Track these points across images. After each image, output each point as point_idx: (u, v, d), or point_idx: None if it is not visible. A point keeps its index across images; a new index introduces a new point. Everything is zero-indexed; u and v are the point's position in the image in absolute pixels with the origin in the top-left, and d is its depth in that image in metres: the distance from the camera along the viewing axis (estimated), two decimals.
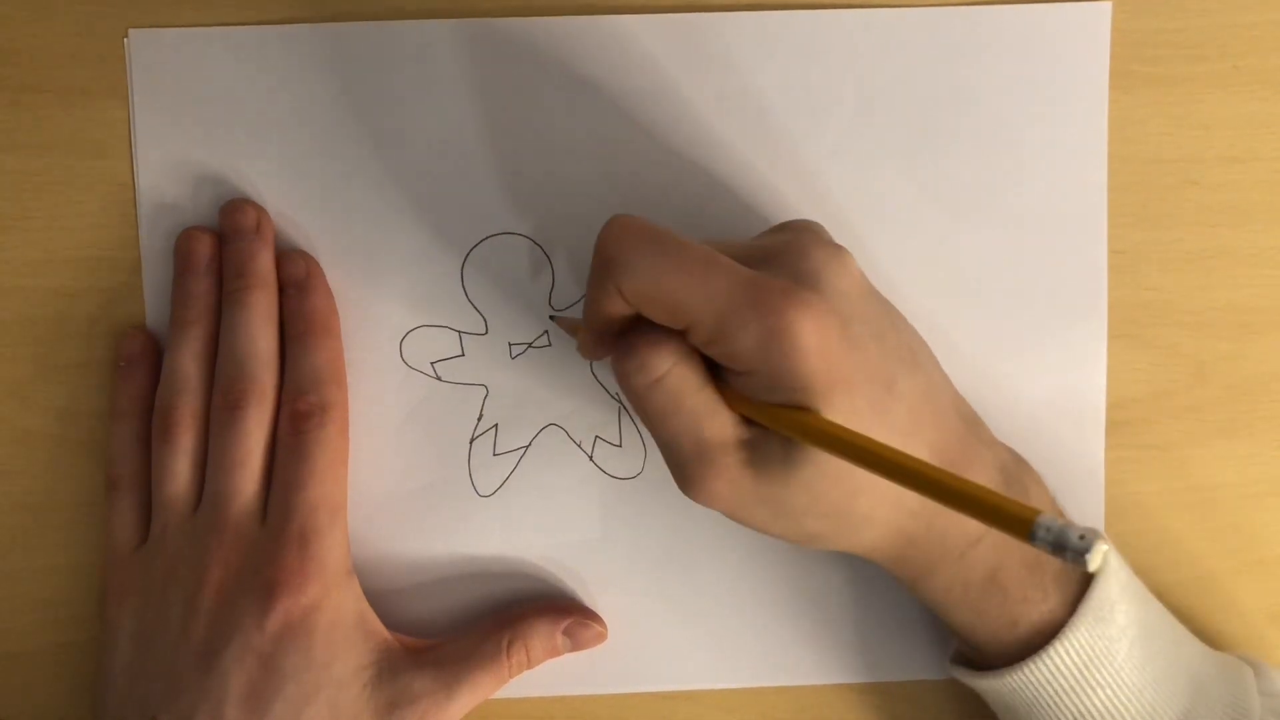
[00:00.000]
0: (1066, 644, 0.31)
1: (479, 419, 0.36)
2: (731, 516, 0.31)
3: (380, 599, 0.35)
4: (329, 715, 0.32)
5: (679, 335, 0.29)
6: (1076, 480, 0.36)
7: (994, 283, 0.36)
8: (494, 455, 0.36)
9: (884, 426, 0.29)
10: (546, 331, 0.36)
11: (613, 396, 0.36)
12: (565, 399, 0.36)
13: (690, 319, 0.28)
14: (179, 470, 0.34)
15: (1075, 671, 0.31)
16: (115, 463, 0.35)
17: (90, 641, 0.36)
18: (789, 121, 0.36)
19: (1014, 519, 0.23)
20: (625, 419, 0.36)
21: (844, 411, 0.28)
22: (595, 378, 0.36)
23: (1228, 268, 0.36)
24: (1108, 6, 0.36)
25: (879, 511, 0.30)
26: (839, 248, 0.30)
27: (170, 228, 0.36)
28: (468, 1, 0.36)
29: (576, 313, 0.36)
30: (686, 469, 0.30)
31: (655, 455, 0.36)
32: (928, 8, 0.35)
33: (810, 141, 0.36)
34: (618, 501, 0.36)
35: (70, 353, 0.36)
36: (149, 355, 0.35)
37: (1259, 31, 0.36)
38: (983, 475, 0.31)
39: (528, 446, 0.36)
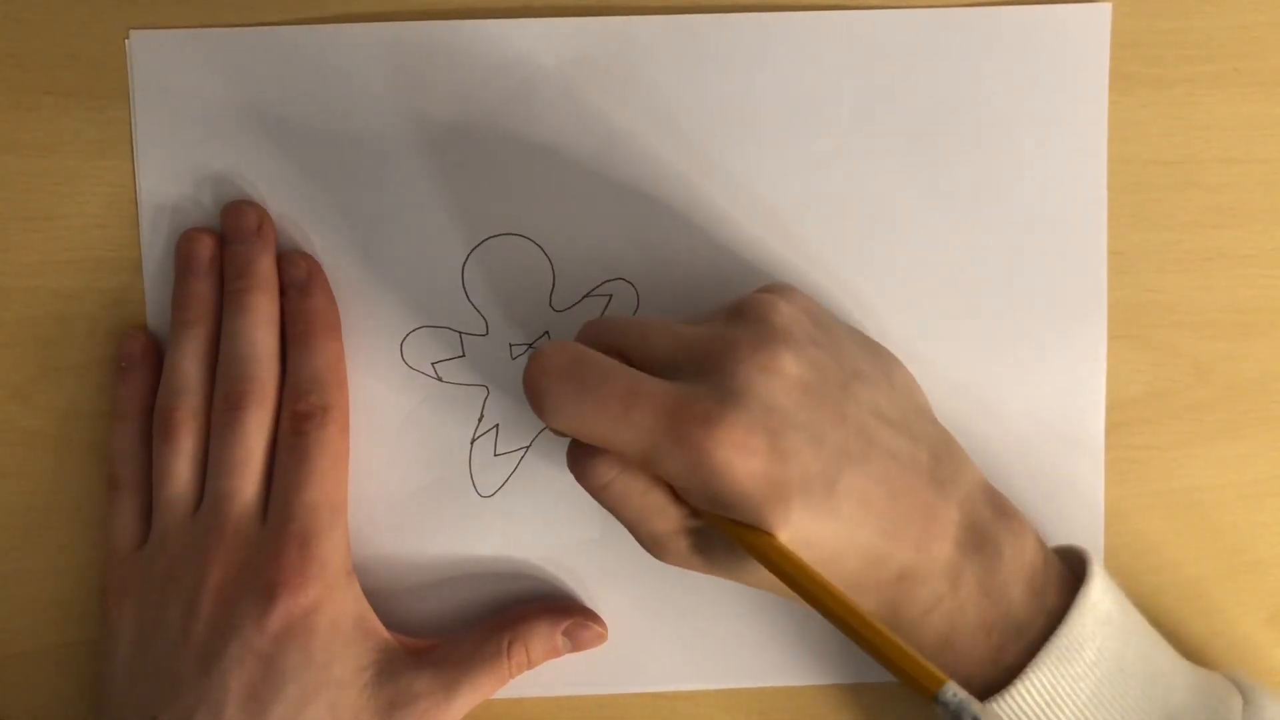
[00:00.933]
0: (1026, 685, 0.30)
1: (480, 419, 0.36)
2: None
3: (380, 599, 0.35)
4: (329, 716, 0.32)
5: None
6: (1076, 480, 0.36)
7: (994, 283, 0.36)
8: (495, 456, 0.36)
9: (830, 526, 0.29)
10: (547, 332, 0.36)
11: None
12: None
13: (618, 450, 0.29)
14: (179, 471, 0.34)
15: (1035, 712, 0.30)
16: (116, 463, 0.35)
17: (90, 641, 0.36)
18: (789, 122, 0.36)
19: (921, 685, 0.25)
20: None
21: (784, 522, 0.28)
22: None
23: (1228, 268, 0.36)
24: (1108, 7, 0.36)
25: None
26: (774, 348, 0.29)
27: (171, 229, 0.36)
28: (468, 2, 0.36)
29: (577, 310, 0.36)
30: (645, 547, 0.32)
31: None
32: (928, 8, 0.35)
33: (810, 142, 0.36)
34: None
35: (71, 353, 0.36)
36: (150, 356, 0.35)
37: (1259, 32, 0.36)
38: (942, 544, 0.30)
39: (528, 447, 0.36)
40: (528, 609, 0.36)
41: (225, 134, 0.35)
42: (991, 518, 0.31)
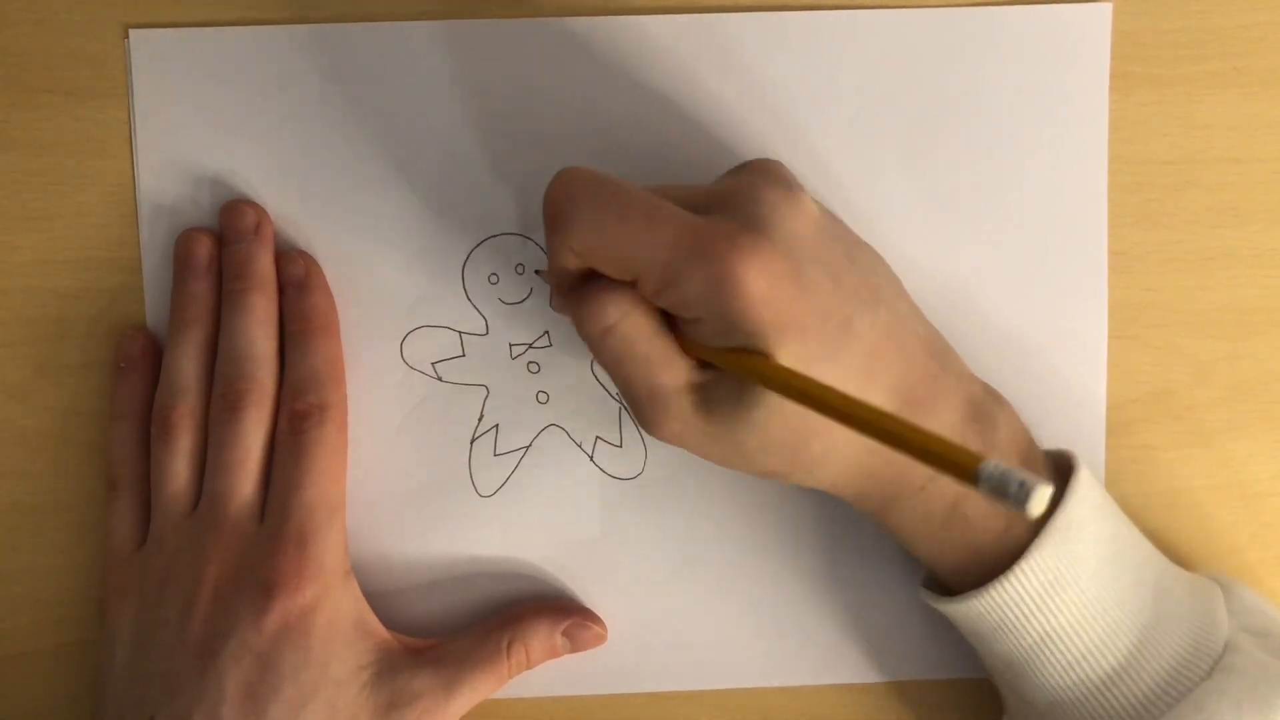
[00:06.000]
0: (1030, 565, 0.30)
1: (479, 419, 0.36)
2: (692, 452, 0.31)
3: (380, 599, 0.35)
4: (327, 715, 0.32)
5: (631, 286, 0.29)
6: None
7: (994, 283, 0.36)
8: (494, 455, 0.36)
9: (839, 367, 0.29)
10: (547, 331, 0.36)
11: (613, 397, 0.36)
12: (566, 399, 0.36)
13: (636, 270, 0.28)
14: (178, 470, 0.34)
15: (1040, 592, 0.30)
16: (115, 463, 0.35)
17: (90, 641, 0.36)
18: (790, 122, 0.36)
19: (957, 465, 0.23)
20: (625, 419, 0.36)
21: (796, 355, 0.28)
22: (595, 378, 0.36)
23: (1228, 268, 0.36)
24: (1108, 7, 0.36)
25: (835, 449, 0.30)
26: (792, 187, 0.30)
27: (170, 228, 0.36)
28: (468, 2, 0.36)
29: None
30: (642, 411, 0.31)
31: (656, 456, 0.36)
32: (928, 8, 0.35)
33: (810, 142, 0.36)
34: (618, 502, 0.36)
35: (70, 353, 0.36)
36: (149, 356, 0.35)
37: (1259, 32, 0.36)
38: (947, 409, 0.31)
39: (528, 447, 0.36)
40: (527, 609, 0.36)
41: (225, 134, 0.35)
42: (984, 396, 0.32)
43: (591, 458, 0.36)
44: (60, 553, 0.36)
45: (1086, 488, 0.31)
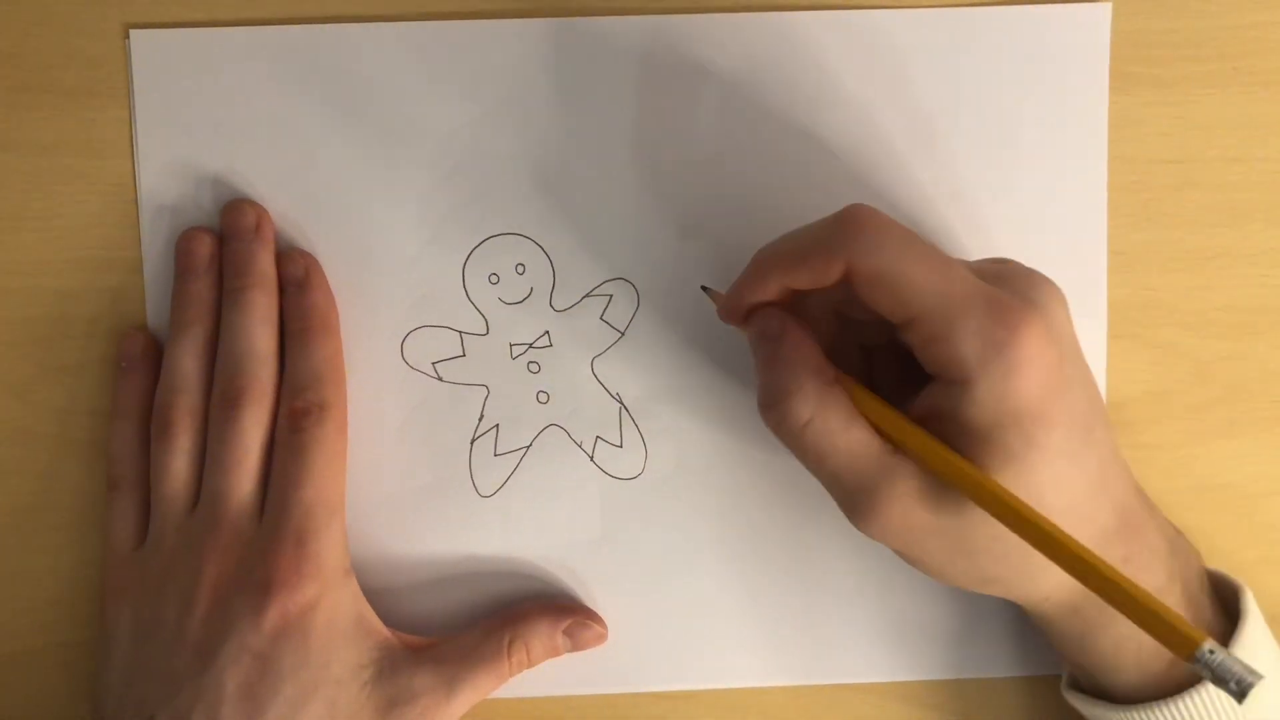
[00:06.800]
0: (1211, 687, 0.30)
1: (480, 419, 0.36)
2: (904, 553, 0.30)
3: (381, 599, 0.35)
4: (327, 714, 0.32)
5: (815, 373, 0.29)
6: None
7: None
8: (495, 455, 0.36)
9: (1079, 473, 0.28)
10: (547, 332, 0.36)
11: (613, 397, 0.36)
12: (566, 399, 0.36)
13: (918, 311, 0.28)
14: (177, 469, 0.34)
15: (1225, 710, 0.30)
16: (116, 463, 0.35)
17: (90, 641, 0.36)
18: (789, 123, 0.36)
19: (1179, 637, 0.24)
20: (626, 419, 0.36)
21: (1048, 445, 0.28)
22: (596, 378, 0.36)
23: (1228, 268, 0.36)
24: (1108, 7, 0.36)
25: None
26: (1059, 287, 0.30)
27: (171, 228, 0.36)
28: (468, 2, 0.36)
29: (577, 310, 0.36)
30: (854, 502, 0.29)
31: (656, 456, 0.36)
32: (928, 8, 0.35)
33: (811, 142, 0.36)
34: (618, 502, 0.36)
35: (71, 353, 0.36)
36: (149, 355, 0.35)
37: (1259, 32, 0.36)
38: (1154, 542, 0.31)
39: (528, 447, 0.36)
40: (528, 607, 0.36)
41: (225, 133, 0.35)
42: (1179, 538, 0.33)
43: (591, 458, 0.36)
44: (60, 553, 0.36)
45: (1254, 609, 0.32)
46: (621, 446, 0.36)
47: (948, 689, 0.37)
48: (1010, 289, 0.29)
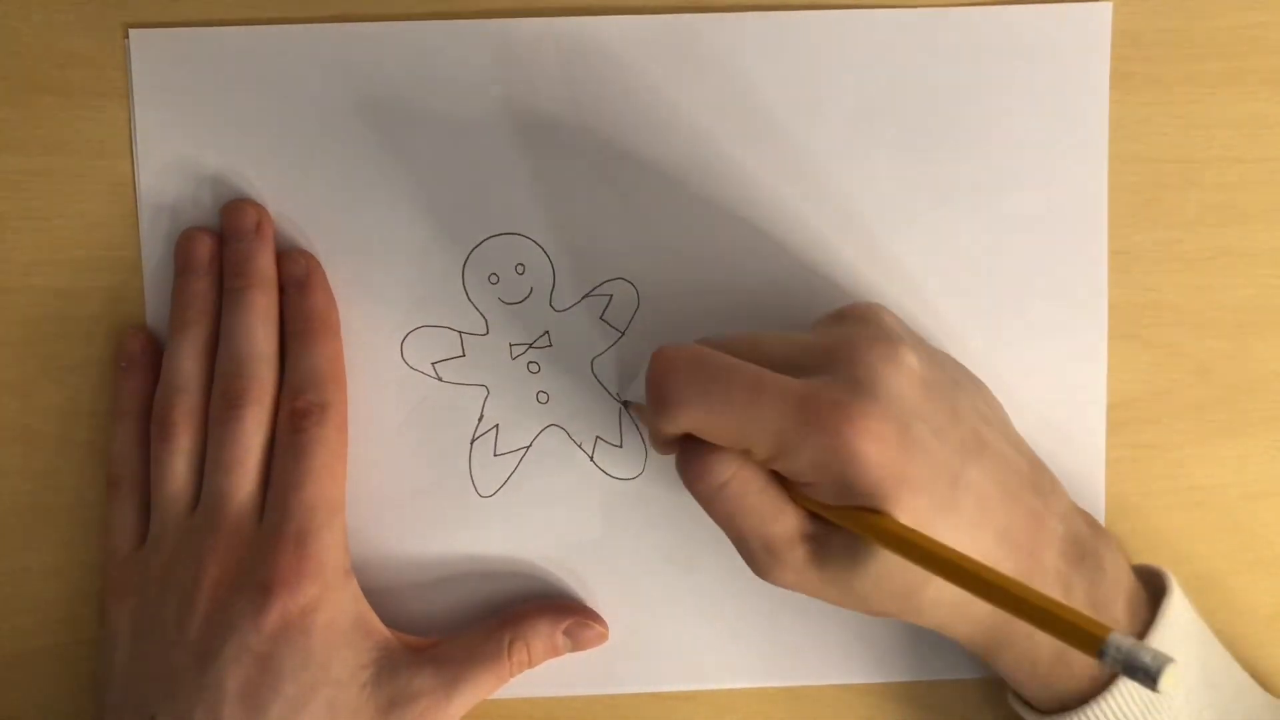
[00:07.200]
0: (1125, 687, 0.30)
1: (479, 419, 0.36)
2: (806, 595, 0.31)
3: (381, 599, 0.35)
4: (328, 714, 0.32)
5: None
6: (1077, 480, 0.36)
7: (994, 282, 0.36)
8: (495, 456, 0.36)
9: (951, 521, 0.29)
10: (547, 331, 0.36)
11: (613, 397, 0.36)
12: (566, 400, 0.36)
13: (746, 443, 0.29)
14: (177, 470, 0.34)
15: (1136, 715, 0.31)
16: (116, 463, 0.35)
17: (90, 641, 0.36)
18: (789, 123, 0.36)
19: (1081, 636, 0.23)
20: (626, 420, 0.36)
21: (910, 511, 0.28)
22: (596, 378, 0.36)
23: (1228, 267, 0.36)
24: (1108, 6, 0.36)
25: (946, 594, 0.30)
26: (892, 339, 0.30)
27: (171, 228, 0.36)
28: (468, 2, 0.36)
29: (577, 310, 0.36)
30: (757, 562, 0.31)
31: (656, 456, 0.36)
32: (928, 8, 0.35)
33: (811, 142, 0.36)
34: (618, 502, 0.36)
35: (71, 352, 0.36)
36: (149, 356, 0.35)
37: (1259, 32, 0.36)
38: (1052, 553, 0.31)
39: (528, 447, 0.36)
40: (529, 607, 0.36)
41: (225, 133, 0.35)
42: (1089, 533, 0.32)
43: (591, 458, 0.36)
44: (60, 553, 0.36)
45: (1179, 611, 0.32)
46: (621, 447, 0.36)
47: (949, 689, 0.37)
48: (832, 372, 0.29)
